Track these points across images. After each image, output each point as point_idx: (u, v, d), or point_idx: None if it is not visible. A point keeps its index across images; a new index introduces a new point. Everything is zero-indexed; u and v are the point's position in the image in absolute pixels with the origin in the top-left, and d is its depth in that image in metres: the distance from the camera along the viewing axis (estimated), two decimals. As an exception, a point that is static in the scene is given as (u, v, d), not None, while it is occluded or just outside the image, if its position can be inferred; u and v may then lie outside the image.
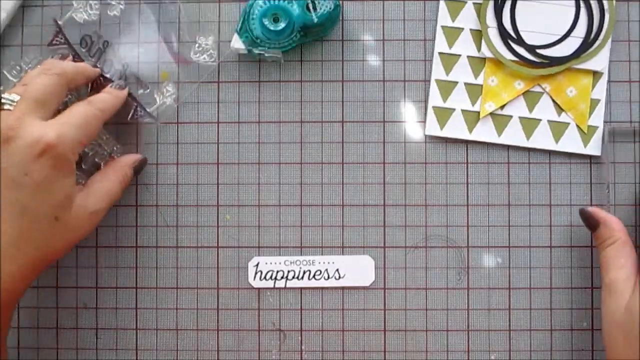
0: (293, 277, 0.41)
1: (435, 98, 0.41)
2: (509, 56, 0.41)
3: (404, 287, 0.41)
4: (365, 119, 0.42)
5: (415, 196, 0.41)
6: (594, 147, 0.41)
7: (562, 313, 0.41)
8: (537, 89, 0.41)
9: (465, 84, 0.41)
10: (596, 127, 0.41)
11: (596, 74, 0.41)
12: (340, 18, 0.42)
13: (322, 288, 0.41)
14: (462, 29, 0.41)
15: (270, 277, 0.41)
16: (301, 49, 0.42)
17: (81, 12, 0.41)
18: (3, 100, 0.34)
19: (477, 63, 0.41)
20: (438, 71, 0.42)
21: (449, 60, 0.42)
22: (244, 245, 0.42)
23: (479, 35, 0.41)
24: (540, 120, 0.41)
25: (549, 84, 0.41)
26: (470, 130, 0.41)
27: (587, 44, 0.41)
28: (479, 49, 0.41)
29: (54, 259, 0.36)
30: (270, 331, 0.41)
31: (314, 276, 0.41)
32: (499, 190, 0.41)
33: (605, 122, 0.41)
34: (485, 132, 0.41)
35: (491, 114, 0.41)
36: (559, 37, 0.41)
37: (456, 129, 0.41)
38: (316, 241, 0.41)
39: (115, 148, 0.41)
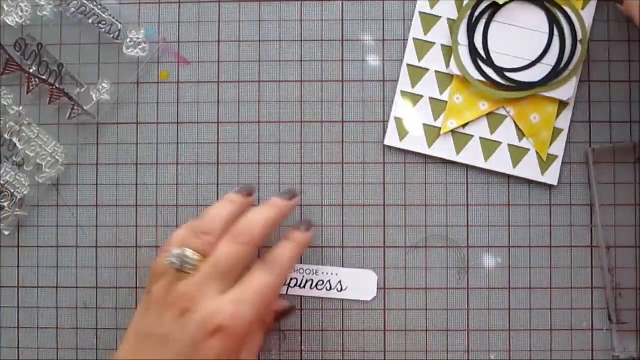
0: (295, 285, 0.41)
1: (399, 109, 0.41)
2: (477, 76, 0.41)
3: (404, 287, 0.41)
4: (365, 119, 0.42)
5: (415, 196, 0.41)
6: (551, 176, 0.41)
7: (562, 313, 0.41)
8: (502, 111, 0.41)
9: (431, 98, 0.41)
10: (556, 157, 0.41)
11: (562, 104, 0.41)
12: (341, 18, 0.42)
13: (323, 298, 0.41)
14: (434, 43, 0.41)
15: None
16: (301, 49, 0.42)
17: (12, 15, 0.41)
18: (186, 259, 0.33)
19: (445, 79, 0.41)
20: (404, 83, 0.41)
21: (417, 73, 0.41)
22: (244, 245, 0.42)
23: (449, 52, 0.41)
24: (500, 143, 0.41)
25: (514, 108, 0.41)
26: (430, 145, 0.41)
27: (556, 73, 0.40)
28: (447, 65, 0.41)
29: None
30: (270, 331, 0.41)
31: (316, 286, 0.41)
32: (498, 190, 0.41)
33: (607, 121, 0.41)
34: (444, 148, 0.41)
35: (452, 131, 0.41)
36: (529, 62, 0.41)
37: (416, 142, 0.41)
38: (316, 241, 0.41)
39: (56, 148, 0.41)
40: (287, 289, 0.41)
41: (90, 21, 0.41)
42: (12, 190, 0.41)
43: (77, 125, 0.42)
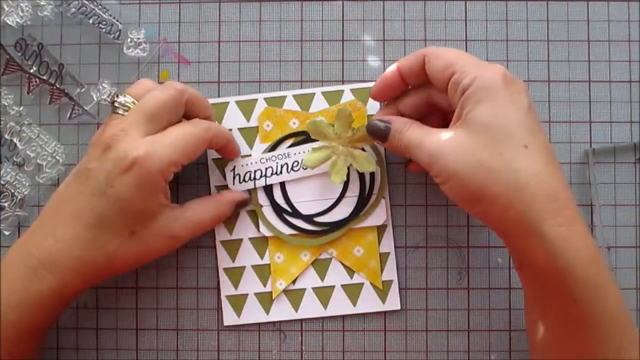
0: (272, 174, 0.41)
1: (226, 287, 0.41)
2: (288, 231, 0.40)
3: (404, 287, 0.41)
4: (366, 119, 0.42)
5: (415, 196, 0.41)
6: (392, 302, 0.40)
7: (562, 313, 0.41)
8: (325, 255, 0.41)
9: (253, 266, 0.41)
10: (391, 281, 0.41)
11: (380, 228, 0.41)
12: (341, 18, 0.42)
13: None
14: (239, 212, 0.41)
15: (250, 177, 0.41)
16: (301, 49, 0.42)
17: (13, 15, 0.41)
18: (116, 104, 0.35)
19: (260, 243, 0.41)
20: (224, 260, 0.41)
21: (232, 246, 0.41)
22: (244, 245, 0.42)
23: (255, 216, 0.41)
24: (333, 286, 0.41)
25: (335, 249, 0.41)
26: (267, 312, 0.41)
27: (363, 202, 0.40)
28: (258, 229, 0.41)
29: (121, 271, 0.36)
30: (271, 331, 0.41)
31: (292, 168, 0.41)
32: (499, 190, 0.41)
33: (607, 121, 0.41)
34: (281, 310, 0.41)
35: (284, 291, 0.41)
36: (334, 200, 0.40)
37: (253, 313, 0.41)
38: (316, 241, 0.41)
39: (56, 148, 0.41)
40: (265, 179, 0.40)
41: (90, 21, 0.41)
42: (12, 190, 0.41)
43: (77, 125, 0.42)
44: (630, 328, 0.31)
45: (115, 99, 0.35)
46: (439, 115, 0.38)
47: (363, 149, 0.40)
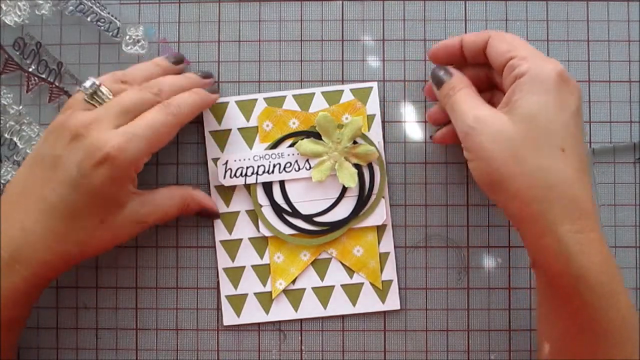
0: (263, 172, 0.41)
1: (226, 287, 0.41)
2: (288, 230, 0.40)
3: (404, 287, 0.41)
4: (365, 119, 0.42)
5: (415, 196, 0.41)
6: (392, 302, 0.41)
7: (561, 313, 0.41)
8: (325, 255, 0.41)
9: (253, 266, 0.41)
10: (391, 281, 0.41)
11: (380, 228, 0.41)
12: (341, 18, 0.42)
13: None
14: (239, 212, 0.41)
15: (241, 173, 0.41)
16: (301, 49, 0.42)
17: (11, 14, 0.41)
18: (99, 94, 0.35)
19: (260, 243, 0.41)
20: (223, 260, 0.41)
21: (232, 246, 0.41)
22: (244, 245, 0.42)
23: (255, 215, 0.41)
24: (333, 286, 0.41)
25: (335, 249, 0.41)
26: (267, 312, 0.41)
27: (362, 202, 0.40)
28: (258, 228, 0.41)
29: (89, 257, 0.36)
30: (270, 331, 0.41)
31: (284, 168, 0.41)
32: (499, 190, 0.41)
33: (607, 121, 0.41)
34: (281, 310, 0.41)
35: (284, 290, 0.41)
36: (334, 199, 0.40)
37: (252, 313, 0.41)
38: (316, 241, 0.41)
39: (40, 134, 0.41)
40: (256, 177, 0.40)
41: (88, 19, 0.41)
42: (11, 190, 0.41)
43: (77, 125, 0.42)
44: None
45: (98, 89, 0.35)
46: (499, 94, 0.38)
47: (356, 165, 0.40)
